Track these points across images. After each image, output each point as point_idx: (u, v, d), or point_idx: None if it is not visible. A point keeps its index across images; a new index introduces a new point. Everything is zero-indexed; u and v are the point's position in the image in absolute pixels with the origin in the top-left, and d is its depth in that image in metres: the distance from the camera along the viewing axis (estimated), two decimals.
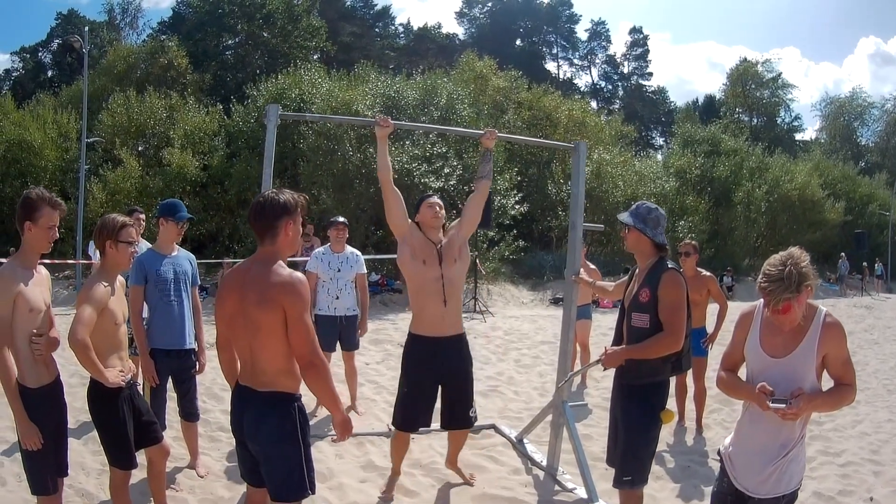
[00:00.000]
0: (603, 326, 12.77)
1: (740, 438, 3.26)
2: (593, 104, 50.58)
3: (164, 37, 36.54)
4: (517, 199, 21.36)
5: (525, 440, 6.37)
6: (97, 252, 6.74)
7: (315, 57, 37.73)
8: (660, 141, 64.68)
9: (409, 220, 5.06)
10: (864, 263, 31.00)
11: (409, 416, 5.01)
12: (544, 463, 5.82)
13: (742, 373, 3.30)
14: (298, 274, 3.29)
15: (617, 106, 60.52)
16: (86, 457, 5.62)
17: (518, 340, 12.51)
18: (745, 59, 59.29)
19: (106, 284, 3.94)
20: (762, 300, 3.14)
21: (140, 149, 22.88)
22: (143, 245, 6.37)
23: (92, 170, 21.46)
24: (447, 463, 5.57)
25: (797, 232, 31.94)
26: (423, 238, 4.98)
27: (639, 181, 26.14)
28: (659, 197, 25.47)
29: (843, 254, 30.26)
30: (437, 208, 5.06)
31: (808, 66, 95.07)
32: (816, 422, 7.21)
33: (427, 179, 18.43)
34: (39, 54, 47.96)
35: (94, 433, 5.90)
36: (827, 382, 3.12)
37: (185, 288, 5.32)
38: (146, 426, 4.21)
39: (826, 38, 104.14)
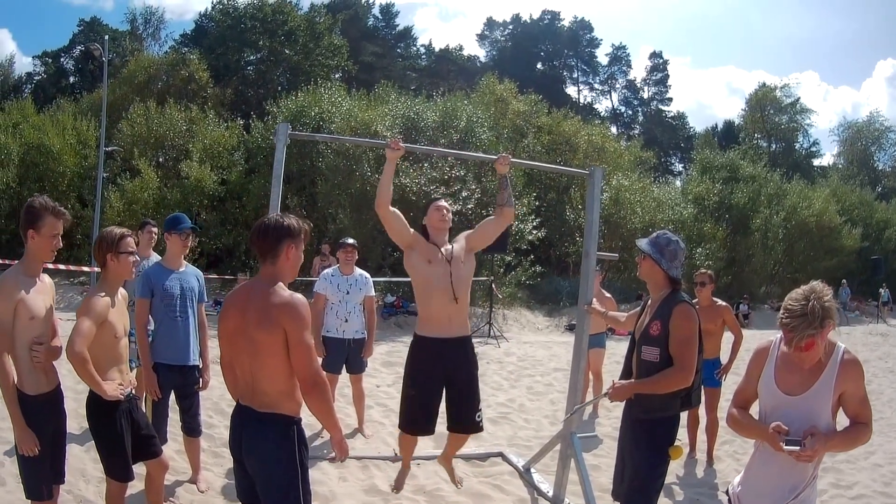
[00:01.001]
0: (617, 355, 12.57)
1: (749, 478, 3.17)
2: (613, 129, 50.52)
3: (185, 49, 36.84)
4: (535, 224, 21.27)
5: (532, 469, 6.26)
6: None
7: (336, 76, 37.94)
8: (679, 167, 64.52)
9: (412, 230, 5.05)
10: (881, 290, 30.72)
11: (414, 420, 4.96)
12: (551, 493, 5.71)
13: (754, 410, 3.21)
14: (299, 295, 3.28)
15: (636, 131, 60.41)
16: (87, 464, 5.60)
17: (531, 367, 12.38)
18: (765, 84, 59.06)
19: (106, 296, 3.97)
20: (778, 336, 3.07)
21: (160, 160, 23.00)
22: (155, 258, 6.36)
23: (110, 178, 21.56)
24: (441, 458, 5.49)
25: (814, 259, 31.65)
26: (427, 244, 5.00)
27: (657, 208, 25.92)
28: (677, 224, 25.28)
29: (843, 280, 29.74)
30: (444, 211, 5.09)
31: (827, 90, 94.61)
32: (828, 453, 7.07)
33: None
34: (61, 60, 48.12)
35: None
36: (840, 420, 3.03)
37: (192, 304, 5.32)
38: (145, 440, 4.21)
39: (844, 61, 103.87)
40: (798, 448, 2.82)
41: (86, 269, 17.38)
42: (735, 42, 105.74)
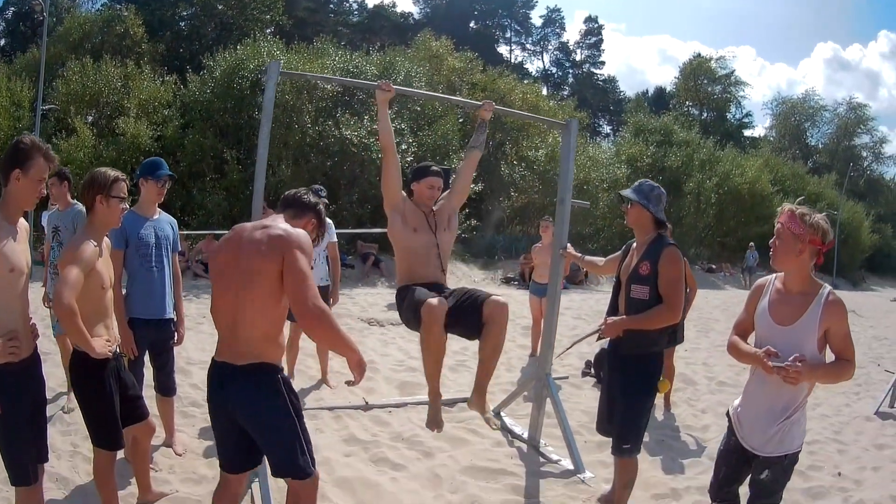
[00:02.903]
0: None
1: (748, 399, 3.46)
2: (543, 90, 50.79)
3: (119, 6, 35.43)
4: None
5: (503, 413, 6.42)
6: (48, 218, 6.35)
7: (269, 30, 36.97)
8: (607, 129, 65.46)
9: (402, 193, 4.86)
10: (749, 252, 31.32)
11: (426, 295, 4.32)
12: (524, 435, 5.88)
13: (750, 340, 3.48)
14: (303, 230, 3.23)
15: (567, 92, 60.77)
16: (55, 437, 5.04)
17: None
18: (699, 54, 59.94)
19: (95, 244, 3.58)
20: (774, 275, 3.42)
21: (89, 119, 22.15)
22: (79, 206, 6.00)
23: (44, 139, 20.65)
24: (473, 397, 4.73)
25: (745, 224, 32.74)
26: (413, 207, 4.79)
27: (591, 166, 26.34)
28: (611, 183, 25.82)
29: (751, 244, 29.68)
30: (436, 189, 4.83)
31: (763, 65, 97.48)
32: None
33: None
34: None
35: (60, 412, 5.65)
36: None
37: (167, 253, 5.03)
38: (132, 401, 3.91)
39: (783, 40, 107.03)
40: (783, 364, 3.11)
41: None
42: (672, 12, 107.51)
